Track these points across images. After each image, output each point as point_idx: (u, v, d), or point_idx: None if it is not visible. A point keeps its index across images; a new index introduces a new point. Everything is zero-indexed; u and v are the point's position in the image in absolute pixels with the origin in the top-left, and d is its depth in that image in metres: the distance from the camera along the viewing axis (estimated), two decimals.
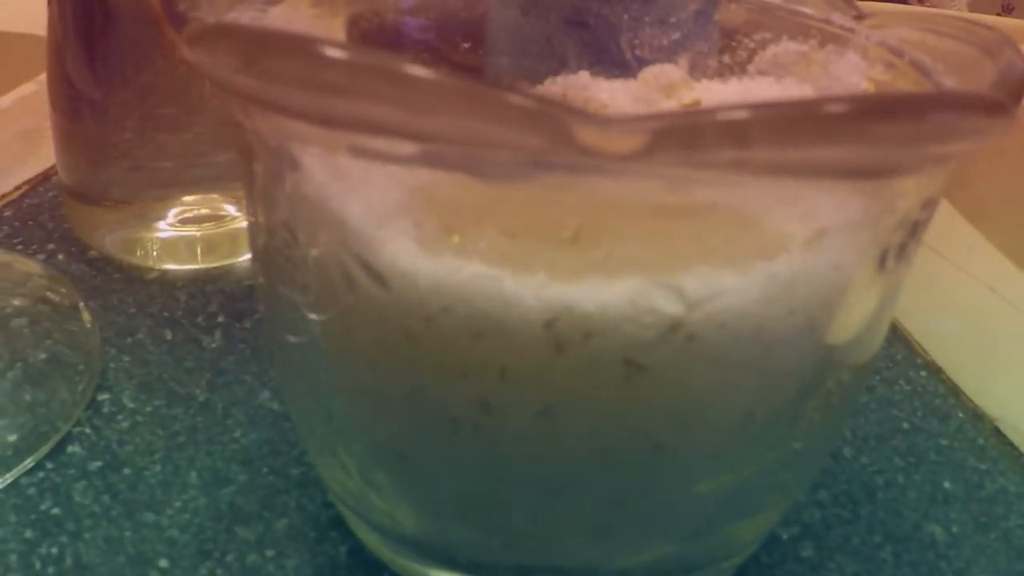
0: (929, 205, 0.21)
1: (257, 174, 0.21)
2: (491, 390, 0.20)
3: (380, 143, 0.18)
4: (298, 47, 0.16)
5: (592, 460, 0.21)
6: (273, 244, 0.22)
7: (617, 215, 0.19)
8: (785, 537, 0.31)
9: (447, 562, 0.25)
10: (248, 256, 0.43)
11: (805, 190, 0.19)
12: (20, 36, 0.63)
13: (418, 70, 0.15)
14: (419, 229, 0.19)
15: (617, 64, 0.30)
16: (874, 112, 0.16)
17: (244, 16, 0.23)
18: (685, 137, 0.15)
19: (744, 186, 0.18)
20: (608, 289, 0.19)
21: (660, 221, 0.19)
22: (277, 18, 0.25)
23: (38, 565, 0.28)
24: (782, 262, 0.19)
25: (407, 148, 0.17)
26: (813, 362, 0.21)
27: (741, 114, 0.15)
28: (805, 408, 0.22)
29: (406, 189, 0.19)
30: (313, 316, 0.21)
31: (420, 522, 0.24)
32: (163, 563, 0.29)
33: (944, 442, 0.36)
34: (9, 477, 0.31)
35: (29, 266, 0.41)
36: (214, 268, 0.43)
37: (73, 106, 0.42)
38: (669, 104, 0.29)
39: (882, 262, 0.21)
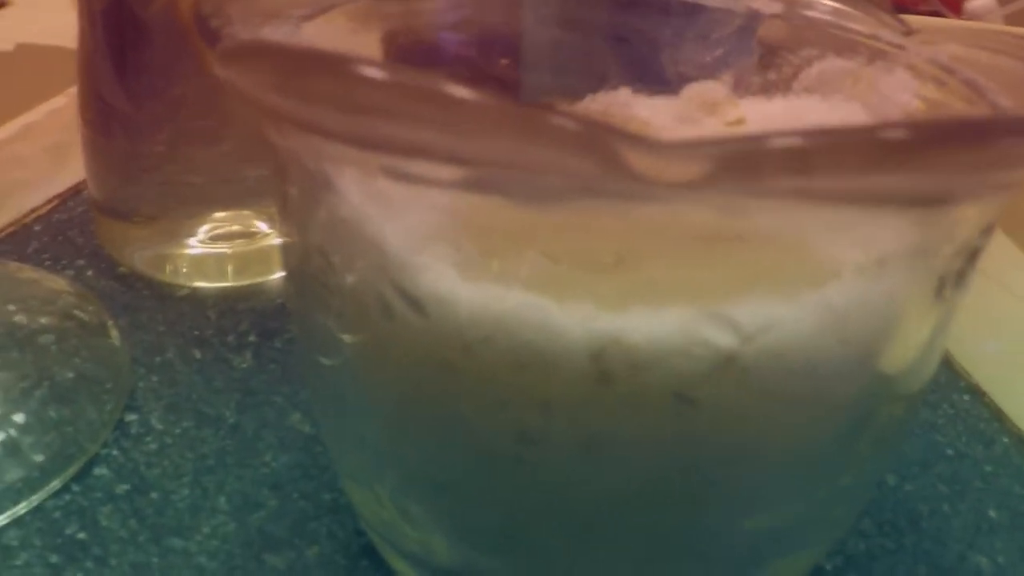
0: (988, 231, 0.20)
1: (291, 195, 0.21)
2: (533, 422, 0.19)
3: (420, 166, 0.17)
4: (335, 66, 0.16)
5: (637, 495, 0.20)
6: (307, 268, 0.21)
7: (663, 241, 0.18)
8: (829, 568, 0.30)
9: None
10: (279, 274, 0.43)
11: (863, 217, 0.18)
12: (51, 49, 0.63)
13: (461, 90, 0.14)
14: (459, 254, 0.19)
15: (659, 81, 0.30)
16: (936, 138, 0.15)
17: (278, 32, 0.23)
18: (745, 164, 0.14)
19: (799, 213, 0.17)
20: (657, 320, 0.18)
21: (711, 248, 0.18)
22: (312, 34, 0.25)
23: None
24: (838, 291, 0.18)
25: (449, 172, 0.17)
26: (866, 394, 0.20)
27: (801, 140, 0.14)
28: (857, 441, 0.21)
29: (444, 212, 0.19)
30: (347, 339, 0.21)
31: (455, 553, 0.23)
32: None
33: (988, 468, 0.35)
34: (35, 499, 0.31)
35: (57, 283, 0.41)
36: (245, 286, 0.43)
37: (103, 120, 0.41)
38: (712, 122, 0.28)
39: (939, 290, 0.20)
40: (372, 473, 0.23)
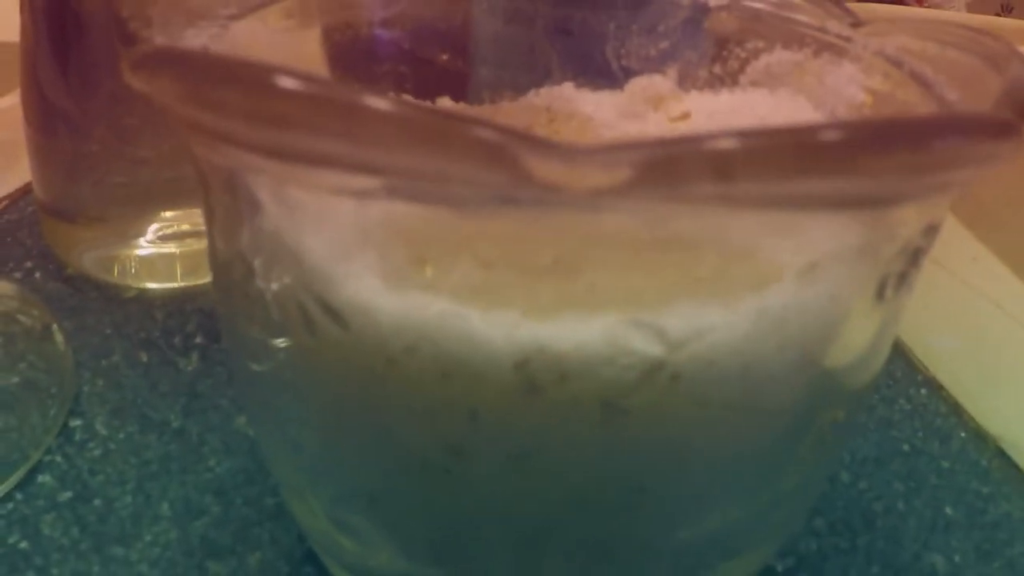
0: (931, 231, 0.20)
1: (211, 203, 0.20)
2: (461, 434, 0.19)
3: (333, 176, 0.16)
4: (243, 75, 0.15)
5: (570, 505, 0.20)
6: (230, 274, 0.20)
7: (594, 249, 0.17)
8: (780, 569, 0.29)
9: None
10: None
11: (798, 220, 0.17)
12: (1, 45, 0.62)
13: (368, 100, 0.14)
14: (384, 262, 0.18)
15: (603, 74, 0.29)
16: (871, 141, 0.14)
17: (202, 35, 0.22)
18: (663, 172, 0.14)
19: (730, 218, 0.17)
20: (584, 328, 0.17)
21: (640, 254, 0.17)
22: (242, 34, 0.24)
23: None
24: (773, 295, 0.18)
25: (361, 182, 0.16)
26: (806, 399, 0.20)
27: (723, 143, 0.13)
28: (797, 447, 0.21)
29: (372, 221, 0.18)
30: (273, 346, 0.20)
31: (393, 565, 0.23)
32: None
33: (945, 464, 0.35)
34: None
35: (2, 287, 0.40)
36: (194, 286, 0.42)
37: (46, 118, 0.40)
38: (657, 117, 0.28)
39: (880, 292, 0.19)
40: (306, 483, 0.23)
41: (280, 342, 0.20)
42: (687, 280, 0.18)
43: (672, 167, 0.14)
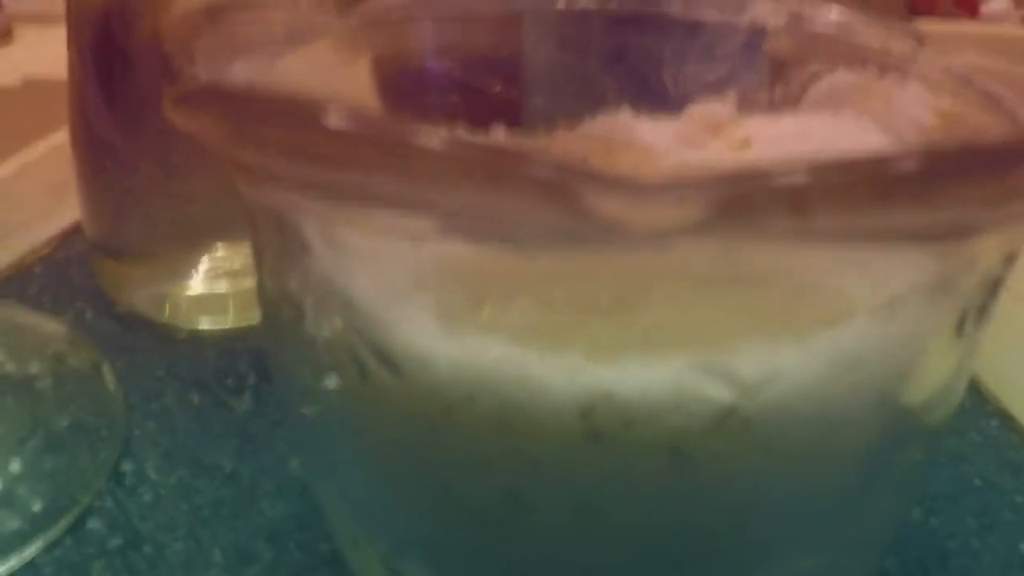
0: (1011, 259, 0.19)
1: (259, 243, 0.19)
2: (522, 483, 0.18)
3: (385, 217, 0.15)
4: (289, 112, 0.14)
5: (636, 556, 0.19)
6: (280, 318, 0.20)
7: (659, 287, 0.17)
8: None
9: None
10: None
11: (873, 254, 0.16)
12: (49, 82, 0.62)
13: (419, 137, 0.13)
14: (440, 305, 0.17)
15: (660, 101, 0.28)
16: (951, 170, 0.14)
17: (249, 68, 0.21)
18: (733, 208, 0.13)
19: (803, 253, 0.16)
20: (651, 373, 0.16)
21: (708, 292, 0.17)
22: (291, 68, 0.23)
23: None
24: (849, 334, 0.17)
25: (414, 223, 0.15)
26: (881, 441, 0.19)
27: (797, 178, 0.13)
28: (873, 489, 0.20)
29: (427, 261, 0.17)
30: (324, 391, 0.19)
31: None
32: None
33: (1020, 499, 0.33)
34: (27, 554, 0.30)
35: (52, 328, 0.40)
36: (247, 326, 0.41)
37: (93, 153, 0.40)
38: (717, 144, 0.27)
39: (960, 327, 0.18)
40: (361, 531, 0.22)
41: (331, 386, 0.19)
42: (758, 319, 0.17)
43: (744, 203, 0.13)
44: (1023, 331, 0.41)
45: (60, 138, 0.58)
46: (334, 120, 0.14)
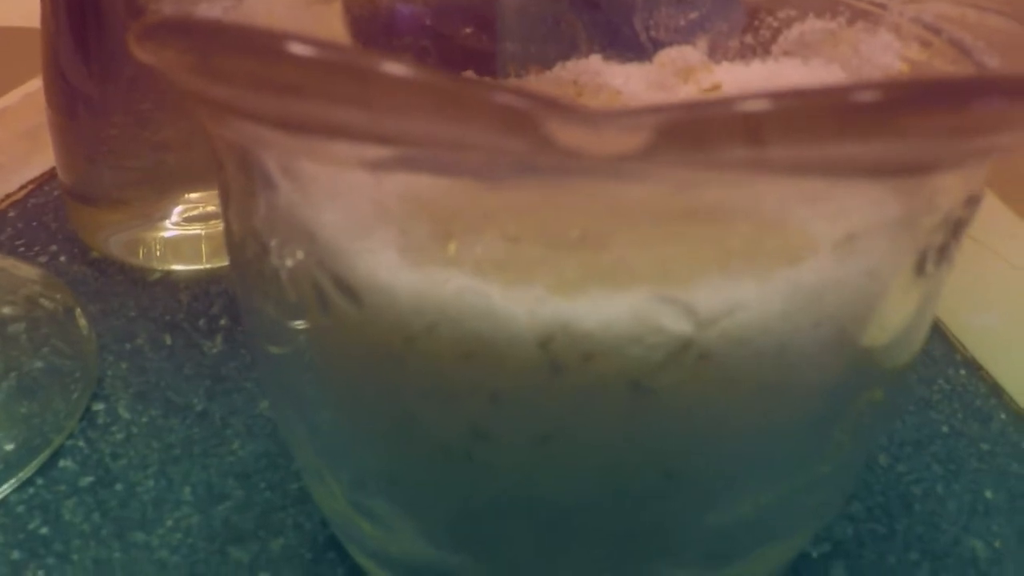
0: (973, 201, 0.19)
1: (225, 182, 0.20)
2: (483, 416, 0.18)
3: (347, 147, 0.16)
4: (252, 42, 0.14)
5: (597, 489, 0.19)
6: (245, 256, 0.20)
7: (621, 222, 0.17)
8: (815, 555, 0.29)
9: None
10: None
11: (833, 189, 0.16)
12: (25, 31, 0.61)
13: (378, 65, 0.13)
14: (405, 238, 0.17)
15: (631, 47, 0.28)
16: (910, 101, 0.14)
17: (215, 7, 0.21)
18: (688, 134, 0.13)
19: (762, 186, 0.16)
20: (610, 305, 0.17)
21: (669, 227, 0.17)
22: (256, 8, 0.23)
23: None
24: (808, 269, 0.17)
25: (376, 152, 0.15)
26: (842, 378, 0.19)
27: (752, 105, 0.13)
28: (833, 429, 0.20)
29: (391, 195, 0.17)
30: (288, 328, 0.20)
31: (414, 551, 0.22)
32: None
33: (985, 447, 0.34)
34: (0, 493, 0.30)
35: (25, 271, 0.40)
36: (220, 268, 0.42)
37: (67, 102, 0.40)
38: (687, 89, 0.27)
39: (920, 266, 0.19)
40: (326, 466, 0.22)
41: (296, 323, 0.19)
42: (718, 254, 0.17)
43: (698, 129, 0.13)
44: (991, 281, 0.42)
45: (34, 85, 0.58)
46: (297, 48, 0.14)
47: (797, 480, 0.21)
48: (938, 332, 0.40)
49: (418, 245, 0.17)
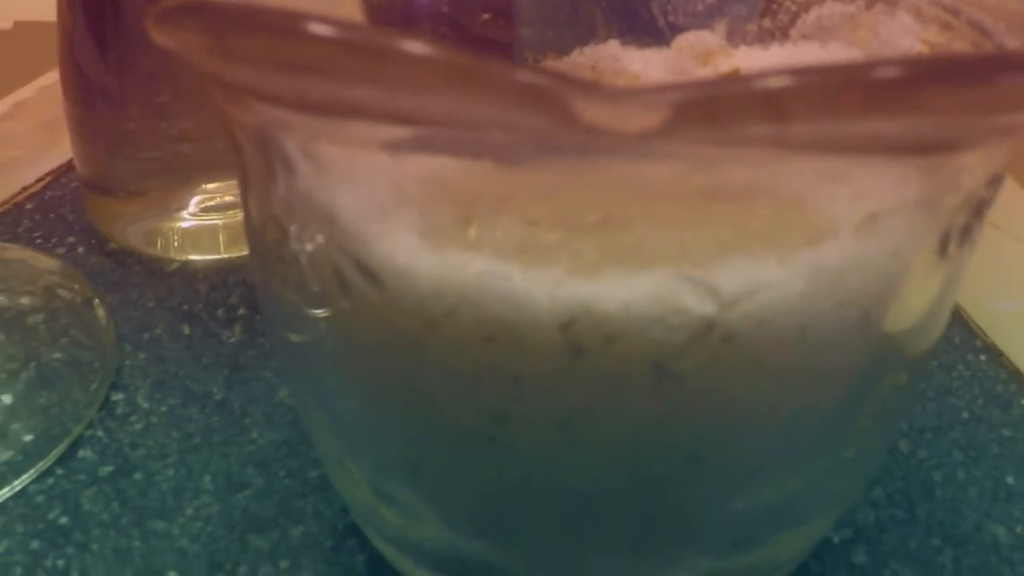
0: (995, 181, 0.19)
1: (244, 167, 0.19)
2: (505, 400, 0.18)
3: (364, 128, 0.15)
4: (269, 22, 0.14)
5: (619, 474, 0.19)
6: (264, 241, 0.20)
7: (643, 202, 0.17)
8: (836, 541, 0.29)
9: None
10: None
11: (855, 168, 0.16)
12: (41, 24, 0.62)
13: (398, 44, 0.13)
14: (425, 220, 0.17)
15: (649, 32, 0.28)
16: (933, 77, 0.14)
17: None
18: (710, 111, 0.13)
19: (784, 165, 0.16)
20: (631, 286, 0.16)
21: (691, 207, 0.16)
22: None
23: None
24: (830, 250, 0.17)
25: (395, 132, 0.15)
26: (865, 361, 0.19)
27: (775, 82, 0.13)
28: (857, 413, 0.20)
29: (410, 176, 0.17)
30: (308, 315, 0.19)
31: (436, 537, 0.22)
32: None
33: (1007, 432, 0.33)
34: (19, 484, 0.30)
35: (44, 262, 0.40)
36: (238, 257, 0.42)
37: (85, 94, 0.40)
38: (706, 73, 0.27)
39: (943, 247, 0.18)
40: (347, 453, 0.22)
41: (316, 309, 0.19)
42: (740, 234, 0.17)
43: (720, 106, 0.13)
44: (1012, 267, 0.42)
45: (52, 78, 0.58)
46: (315, 27, 0.14)
47: (821, 464, 0.20)
48: (958, 318, 0.39)
49: (438, 228, 0.17)
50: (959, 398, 0.35)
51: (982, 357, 0.37)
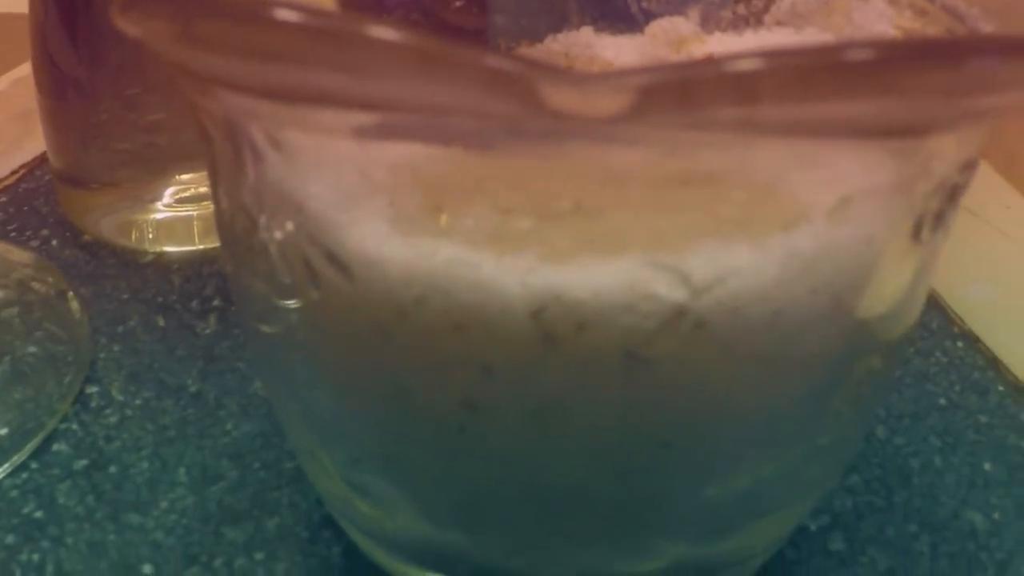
0: (969, 167, 0.19)
1: (213, 158, 0.19)
2: (476, 389, 0.18)
3: (332, 115, 0.15)
4: (233, 9, 0.14)
5: (592, 462, 0.19)
6: (234, 232, 0.19)
7: (614, 188, 0.16)
8: (813, 528, 0.29)
9: (445, 569, 0.23)
10: None
11: (827, 152, 0.16)
12: (13, 16, 0.61)
13: (364, 29, 0.13)
14: (395, 209, 0.17)
15: (622, 18, 0.28)
16: (904, 59, 0.13)
17: None
18: (678, 94, 0.13)
19: (755, 149, 0.16)
20: (602, 272, 0.16)
21: (662, 192, 0.16)
22: None
23: (19, 573, 0.27)
24: (803, 235, 0.17)
25: (361, 119, 0.15)
26: (839, 348, 0.19)
27: (744, 65, 0.12)
28: (831, 399, 0.20)
29: (382, 165, 0.17)
30: (281, 305, 0.19)
31: (411, 528, 0.22)
32: (147, 569, 0.27)
33: (984, 419, 0.33)
34: None
35: (18, 255, 0.40)
36: (212, 249, 0.41)
37: (57, 86, 0.40)
38: (679, 59, 0.27)
39: (917, 232, 0.18)
40: (320, 445, 0.22)
41: (286, 300, 0.19)
42: (712, 219, 0.17)
43: (687, 89, 0.13)
44: (988, 253, 0.42)
45: (24, 71, 0.57)
46: (282, 13, 0.13)
47: (795, 451, 0.20)
48: (935, 305, 0.39)
49: (408, 216, 0.17)
50: (936, 385, 0.35)
51: (959, 344, 0.37)
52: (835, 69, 0.13)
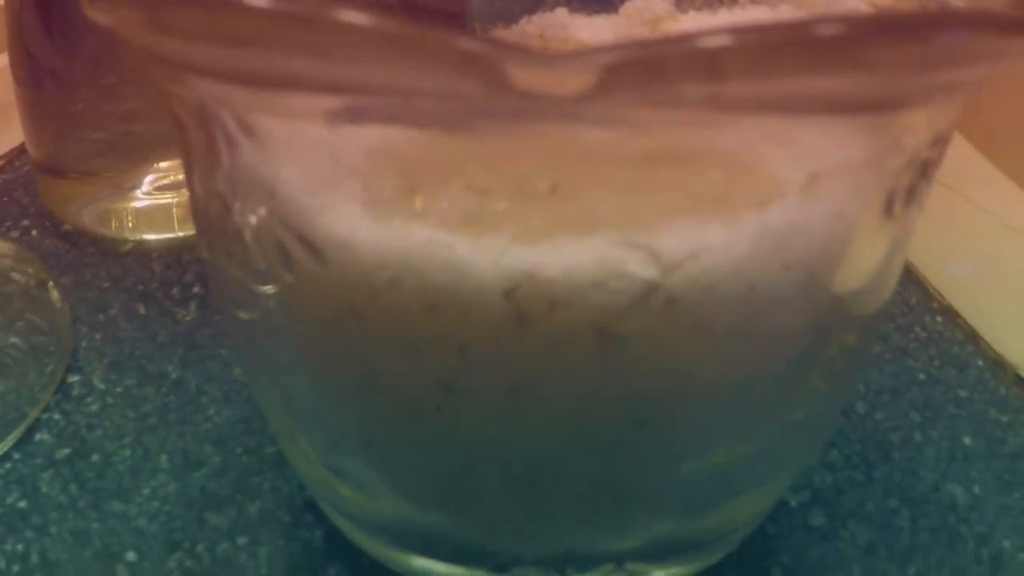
0: (940, 142, 0.19)
1: (186, 145, 0.19)
2: (451, 369, 0.18)
3: (302, 99, 0.15)
4: None
5: (568, 440, 0.19)
6: (209, 218, 0.19)
7: (586, 168, 0.16)
8: (794, 504, 0.29)
9: (427, 551, 0.23)
10: None
11: (797, 128, 0.16)
12: None
13: (331, 13, 0.13)
14: (369, 192, 0.17)
15: None
16: (873, 33, 0.13)
17: None
18: (644, 72, 0.13)
19: (724, 126, 0.16)
20: (573, 251, 0.16)
21: (632, 170, 0.16)
22: None
23: (3, 563, 0.27)
24: (775, 212, 0.17)
25: (331, 103, 0.15)
26: (813, 323, 0.19)
27: (710, 41, 0.12)
28: (807, 374, 0.20)
29: (356, 148, 0.17)
30: (257, 290, 0.19)
31: (391, 510, 0.22)
32: (131, 556, 0.27)
33: (963, 393, 0.34)
34: None
35: None
36: (191, 236, 0.41)
37: (34, 76, 0.40)
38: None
39: (888, 208, 0.18)
40: (299, 430, 0.22)
41: (262, 285, 0.19)
42: (684, 197, 0.17)
43: (654, 66, 0.13)
44: (967, 229, 0.42)
45: (2, 61, 0.57)
46: None
47: (771, 427, 0.20)
48: (914, 280, 0.40)
49: (382, 199, 0.17)
50: (916, 360, 0.35)
51: (938, 319, 0.37)
52: (804, 44, 0.13)
